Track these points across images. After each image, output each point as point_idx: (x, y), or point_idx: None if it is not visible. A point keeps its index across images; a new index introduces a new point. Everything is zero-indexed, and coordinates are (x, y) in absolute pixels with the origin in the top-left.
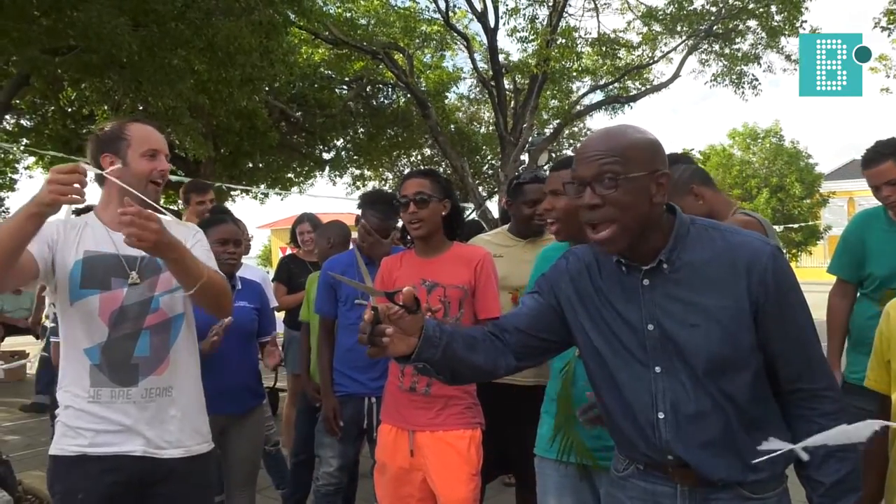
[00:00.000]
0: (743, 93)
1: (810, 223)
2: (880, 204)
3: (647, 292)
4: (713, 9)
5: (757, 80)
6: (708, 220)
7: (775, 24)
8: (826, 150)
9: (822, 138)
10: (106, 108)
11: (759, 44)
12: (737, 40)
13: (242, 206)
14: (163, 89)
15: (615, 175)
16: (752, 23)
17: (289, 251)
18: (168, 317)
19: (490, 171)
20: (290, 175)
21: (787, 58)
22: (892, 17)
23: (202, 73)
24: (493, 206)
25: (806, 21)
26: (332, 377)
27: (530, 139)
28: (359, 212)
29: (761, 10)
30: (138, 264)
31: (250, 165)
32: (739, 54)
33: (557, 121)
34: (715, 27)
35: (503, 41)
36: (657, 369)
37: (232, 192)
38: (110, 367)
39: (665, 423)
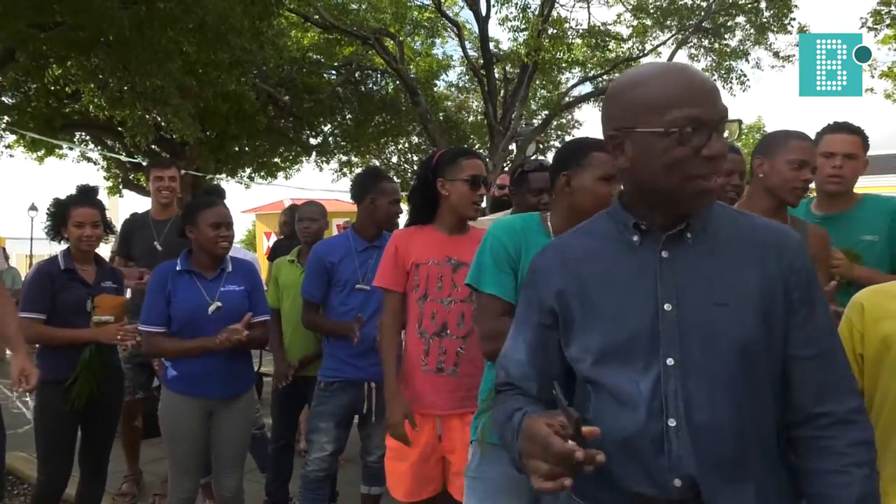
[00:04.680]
0: (731, 88)
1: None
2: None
3: (665, 266)
4: (703, 3)
5: (745, 75)
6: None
7: (764, 20)
8: None
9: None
10: (92, 86)
11: (748, 40)
12: (726, 36)
13: (227, 189)
14: (151, 69)
15: (736, 126)
16: (742, 19)
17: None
18: None
19: None
20: (276, 160)
21: (776, 54)
22: (878, 18)
23: (191, 54)
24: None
25: (795, 18)
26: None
27: (519, 129)
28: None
29: (751, 5)
30: None
31: (237, 149)
32: (728, 50)
33: (546, 111)
34: (705, 22)
35: (494, 30)
36: (669, 361)
37: (217, 176)
38: None
39: (677, 435)
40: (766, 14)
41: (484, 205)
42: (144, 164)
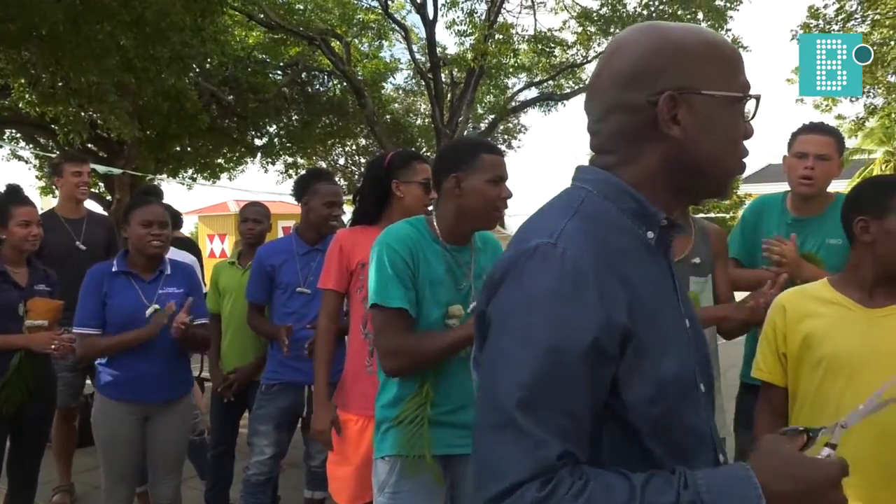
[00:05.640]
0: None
1: (728, 223)
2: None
3: (674, 273)
4: (644, 12)
5: None
6: None
7: None
8: None
9: None
10: (23, 81)
11: None
12: None
13: (168, 190)
14: (86, 64)
15: None
16: None
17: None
18: None
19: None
20: (219, 160)
21: None
22: (808, 31)
23: (129, 49)
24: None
25: (730, 30)
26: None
27: (466, 132)
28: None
29: (689, 16)
30: None
31: (178, 148)
32: None
33: (493, 115)
34: None
35: (441, 33)
36: (702, 387)
37: (157, 176)
38: None
39: None
40: (703, 25)
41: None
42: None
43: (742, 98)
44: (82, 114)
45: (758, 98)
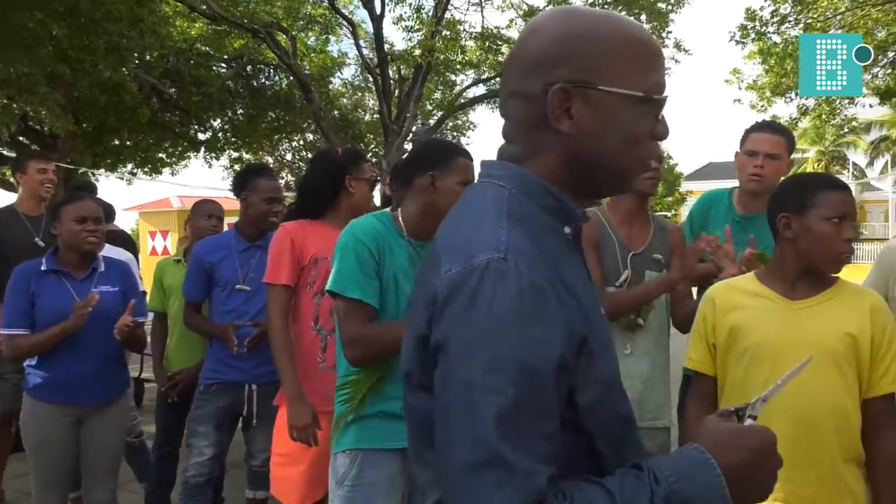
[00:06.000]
0: None
1: (671, 220)
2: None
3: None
4: None
5: None
6: None
7: None
8: (685, 153)
9: (681, 142)
10: None
11: None
12: None
13: (107, 186)
14: (16, 54)
15: None
16: None
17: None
18: None
19: (374, 160)
20: (161, 155)
21: None
22: (745, 32)
23: (62, 40)
24: (376, 192)
25: (671, 32)
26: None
27: (414, 129)
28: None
29: (632, 17)
30: None
31: (117, 142)
32: None
33: (441, 112)
34: None
35: (389, 29)
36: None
37: (94, 171)
38: None
39: None
40: (646, 27)
41: (378, 203)
42: (8, 155)
43: (644, 99)
44: (14, 105)
45: (662, 101)
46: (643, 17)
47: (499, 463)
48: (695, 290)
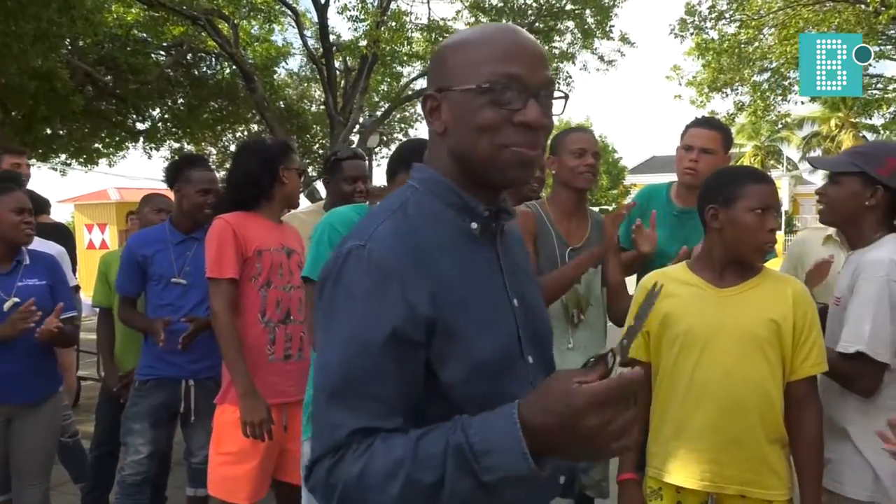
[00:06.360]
0: (559, 88)
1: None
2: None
3: (501, 256)
4: (534, 4)
5: (570, 77)
6: None
7: (587, 27)
8: (629, 146)
9: (625, 135)
10: None
11: (576, 43)
12: (556, 39)
13: (39, 177)
14: None
15: (561, 95)
16: (570, 24)
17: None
18: None
19: (321, 151)
20: (97, 145)
21: (601, 58)
22: (683, 26)
23: None
24: (321, 185)
25: (614, 26)
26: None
27: (360, 120)
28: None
29: (577, 9)
30: None
31: (49, 132)
32: (558, 52)
33: (388, 104)
34: (536, 24)
35: (334, 19)
36: (530, 359)
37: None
38: None
39: None
40: (590, 21)
41: (324, 195)
42: None
43: (479, 89)
44: None
45: (499, 88)
46: (588, 11)
47: (319, 416)
48: (630, 284)
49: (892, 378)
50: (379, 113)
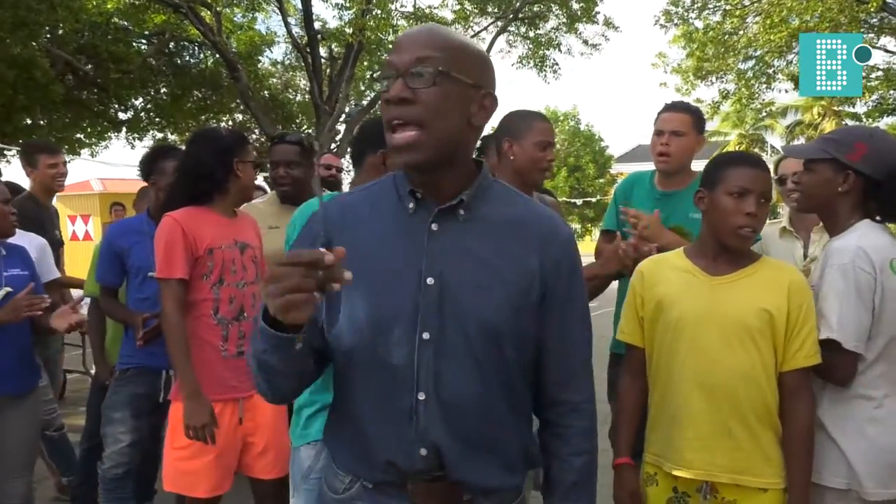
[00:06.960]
0: (545, 76)
1: (602, 200)
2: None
3: (433, 239)
4: None
5: (557, 64)
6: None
7: (573, 12)
8: (616, 135)
9: (612, 124)
10: None
11: (561, 28)
12: (541, 24)
13: (17, 167)
14: None
15: (436, 70)
16: (555, 8)
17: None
18: None
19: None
20: (79, 135)
21: (585, 42)
22: (668, 17)
23: None
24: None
25: (600, 11)
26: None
27: (346, 109)
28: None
29: None
30: None
31: (29, 121)
32: (543, 39)
33: (374, 92)
34: (522, 10)
35: (318, 7)
36: (425, 336)
37: (6, 152)
38: None
39: (426, 407)
40: (575, 5)
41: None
42: None
43: (375, 78)
44: None
45: (384, 72)
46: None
47: None
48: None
49: (864, 367)
50: (365, 102)
